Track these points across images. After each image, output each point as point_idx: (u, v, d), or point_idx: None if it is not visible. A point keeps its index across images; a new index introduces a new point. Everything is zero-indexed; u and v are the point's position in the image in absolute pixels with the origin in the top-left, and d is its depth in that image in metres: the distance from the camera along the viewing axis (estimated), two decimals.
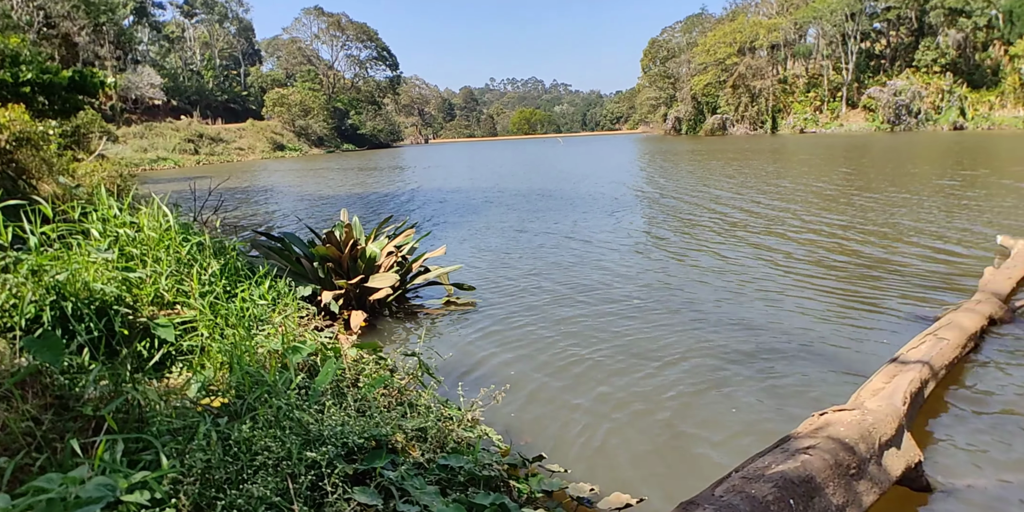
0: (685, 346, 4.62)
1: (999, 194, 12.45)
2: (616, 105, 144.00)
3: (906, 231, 8.82)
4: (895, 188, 14.05)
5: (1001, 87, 52.41)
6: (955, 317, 4.43)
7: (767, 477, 1.98)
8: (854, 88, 60.17)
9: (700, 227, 10.19)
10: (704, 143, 49.21)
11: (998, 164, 19.82)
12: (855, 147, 32.74)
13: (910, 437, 2.75)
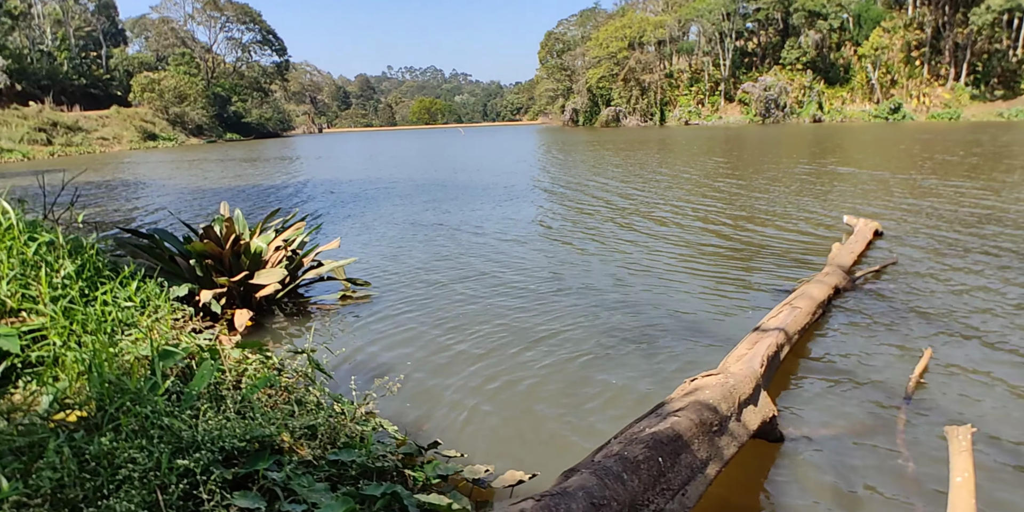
0: (574, 327, 4.83)
1: (845, 180, 14.11)
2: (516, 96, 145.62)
3: (769, 214, 9.76)
4: (762, 175, 15.46)
5: (852, 84, 59.14)
6: (807, 288, 4.99)
7: (639, 440, 2.14)
8: (731, 83, 65.16)
9: (588, 214, 10.62)
10: (599, 134, 51.14)
11: (844, 153, 22.39)
12: (731, 138, 35.57)
13: (766, 395, 3.07)
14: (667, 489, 2.04)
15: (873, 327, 4.67)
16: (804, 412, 3.43)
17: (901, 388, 3.62)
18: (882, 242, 7.48)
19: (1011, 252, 6.84)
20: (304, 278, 5.53)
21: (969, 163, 16.91)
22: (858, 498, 2.65)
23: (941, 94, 55.29)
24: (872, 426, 3.24)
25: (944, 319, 4.79)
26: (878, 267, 6.17)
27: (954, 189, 11.91)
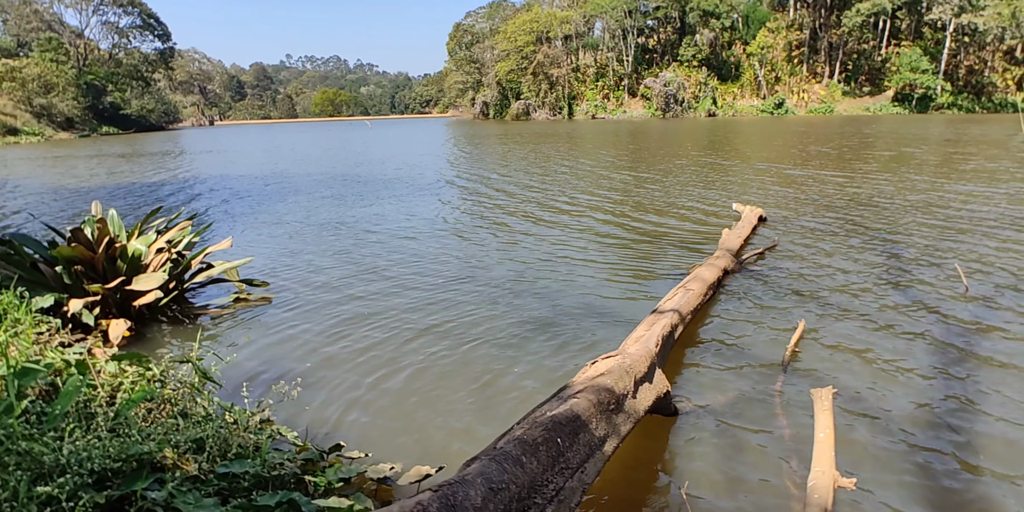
0: (480, 318, 4.86)
1: (734, 170, 15.19)
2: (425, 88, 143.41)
3: (667, 204, 10.30)
4: (661, 167, 16.29)
5: (741, 80, 63.55)
6: (699, 271, 5.32)
7: (539, 423, 2.19)
8: (634, 79, 67.89)
9: (491, 207, 10.71)
10: (509, 127, 51.55)
11: (734, 146, 24.09)
12: (634, 132, 37.13)
13: (661, 373, 3.25)
14: (566, 468, 2.10)
15: (756, 304, 5.06)
16: (697, 386, 3.67)
17: (780, 358, 3.96)
18: (765, 227, 8.12)
19: (873, 232, 7.66)
20: (193, 282, 5.15)
21: (839, 154, 18.74)
22: (744, 460, 2.88)
23: (818, 90, 60.79)
24: (755, 395, 3.52)
25: (816, 294, 5.29)
26: (761, 250, 6.69)
27: (826, 177, 13.16)
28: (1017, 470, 2.76)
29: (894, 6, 56.55)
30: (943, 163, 15.46)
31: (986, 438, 3.03)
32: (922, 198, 10.14)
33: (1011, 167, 14.14)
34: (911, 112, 54.19)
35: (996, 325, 4.49)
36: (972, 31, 54.58)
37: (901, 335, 4.34)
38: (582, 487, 2.16)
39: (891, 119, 44.90)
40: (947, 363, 3.87)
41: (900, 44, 60.38)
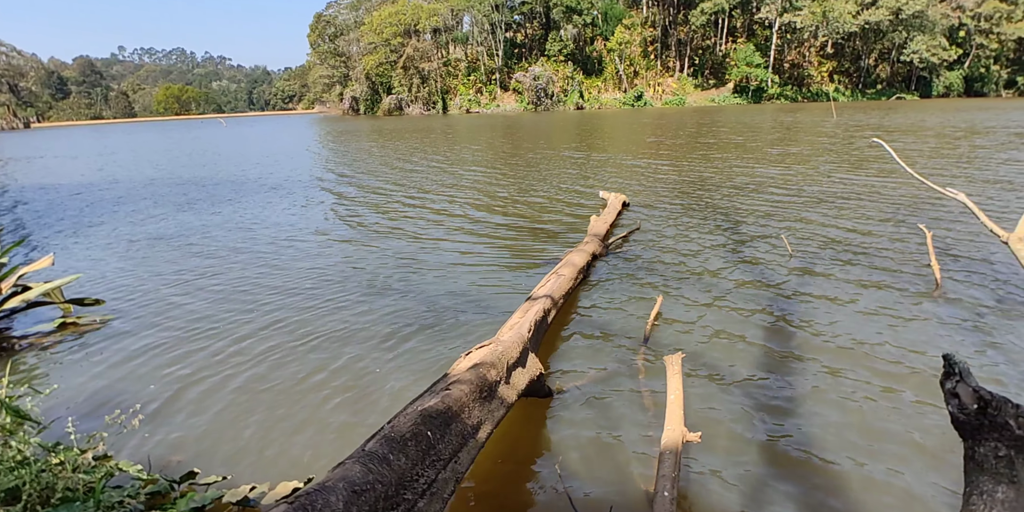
0: (354, 322, 4.69)
1: (601, 159, 16.04)
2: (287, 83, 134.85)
3: (544, 194, 10.64)
4: (534, 159, 16.78)
5: (604, 75, 67.10)
6: (570, 257, 5.55)
7: (408, 418, 2.15)
8: (505, 73, 69.06)
9: (366, 206, 10.41)
10: (381, 122, 50.18)
11: (600, 136, 25.44)
12: (508, 125, 37.84)
13: (534, 357, 3.34)
14: (438, 460, 2.09)
15: (621, 284, 5.39)
16: (569, 365, 3.83)
17: (642, 333, 4.24)
18: (629, 212, 8.67)
19: (720, 211, 8.47)
20: (5, 308, 4.42)
21: (690, 141, 20.49)
22: (612, 429, 3.05)
23: (671, 83, 65.94)
24: (621, 368, 3.75)
25: (672, 270, 5.75)
26: (625, 234, 7.13)
27: (680, 163, 14.33)
28: (824, 412, 3.20)
29: (730, 5, 62.75)
30: (775, 147, 17.47)
31: (804, 390, 3.47)
32: (757, 179, 11.39)
33: (827, 148, 16.34)
34: (749, 102, 60.64)
35: (813, 287, 5.17)
36: (792, 29, 62.14)
37: (740, 301, 4.84)
38: (456, 476, 2.16)
39: (733, 109, 49.91)
40: (776, 324, 4.39)
41: (736, 40, 67.24)
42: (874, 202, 8.83)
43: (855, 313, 4.55)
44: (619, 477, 2.67)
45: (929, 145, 16.54)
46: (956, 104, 45.39)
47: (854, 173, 11.78)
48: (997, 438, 1.57)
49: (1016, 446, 1.55)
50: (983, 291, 4.96)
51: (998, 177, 10.69)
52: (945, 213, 7.84)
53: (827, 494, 2.54)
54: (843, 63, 65.20)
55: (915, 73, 61.94)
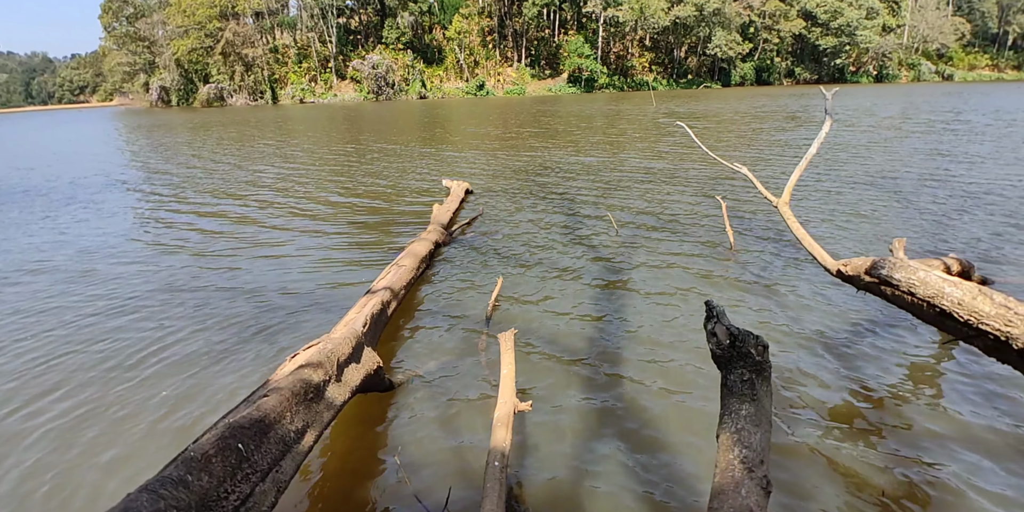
0: (186, 332, 4.24)
1: (445, 148, 16.10)
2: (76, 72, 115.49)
3: (387, 185, 10.40)
4: (377, 149, 16.33)
5: (445, 64, 66.93)
6: (412, 247, 5.51)
7: (215, 434, 2.00)
8: (340, 61, 65.80)
9: (188, 206, 9.43)
10: (199, 115, 45.19)
11: (443, 125, 25.49)
12: (348, 116, 36.29)
13: (371, 351, 3.28)
14: (253, 472, 1.97)
15: (465, 270, 5.49)
16: (413, 355, 3.82)
17: (484, 315, 4.37)
18: (473, 198, 8.82)
19: (559, 194, 8.96)
20: None
21: (530, 129, 21.35)
22: (454, 414, 3.12)
23: (511, 73, 67.79)
24: (464, 352, 3.84)
25: (513, 253, 5.98)
26: (468, 220, 7.25)
27: (520, 150, 14.88)
28: (643, 376, 3.58)
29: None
30: (605, 134, 18.86)
31: (630, 355, 3.84)
32: (589, 163, 12.24)
33: (647, 134, 18.02)
34: (582, 92, 64.56)
35: (635, 256, 5.72)
36: (616, 23, 67.09)
37: (574, 275, 5.20)
38: (278, 486, 2.06)
39: (568, 98, 52.84)
40: (605, 292, 4.79)
41: (568, 33, 70.97)
42: (685, 179, 9.94)
43: (669, 276, 5.11)
44: (459, 458, 2.75)
45: (723, 128, 19.00)
46: (748, 92, 52.58)
47: (669, 155, 13.15)
48: (743, 365, 1.87)
49: (756, 370, 1.86)
50: (766, 249, 5.85)
51: (772, 153, 12.62)
52: (739, 185, 9.08)
53: (645, 448, 2.85)
54: (660, 55, 72.02)
55: (717, 64, 70.43)
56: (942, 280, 2.25)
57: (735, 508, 1.44)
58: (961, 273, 4.46)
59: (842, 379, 3.36)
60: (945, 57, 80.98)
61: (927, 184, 8.84)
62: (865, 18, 68.66)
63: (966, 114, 22.12)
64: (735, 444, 1.65)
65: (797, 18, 70.29)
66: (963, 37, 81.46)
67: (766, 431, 1.74)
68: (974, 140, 14.01)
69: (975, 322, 2.10)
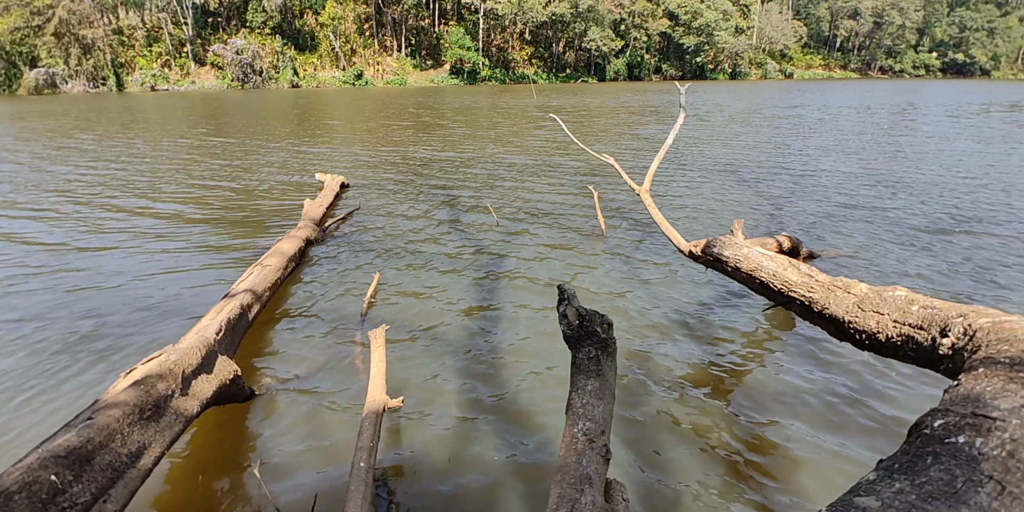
0: (7, 355, 3.67)
1: (319, 140, 15.35)
2: None
3: (253, 181, 9.70)
4: (244, 143, 15.17)
5: (319, 51, 63.54)
6: (279, 245, 5.19)
7: (22, 467, 1.75)
8: (199, 45, 60.07)
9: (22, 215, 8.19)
10: (23, 105, 39.30)
11: (319, 116, 24.31)
12: (209, 105, 33.34)
13: (227, 359, 3.05)
14: (72, 506, 1.75)
15: (339, 267, 5.28)
16: (281, 360, 3.61)
17: (359, 313, 4.23)
18: (349, 193, 8.50)
19: (440, 187, 8.88)
20: None
21: (411, 121, 20.96)
22: (324, 415, 2.99)
23: (390, 63, 65.97)
24: (338, 353, 3.69)
25: (391, 247, 5.85)
26: (343, 215, 6.98)
27: (402, 142, 14.56)
28: (522, 364, 3.67)
29: None
30: (487, 126, 18.99)
31: (508, 343, 3.92)
32: (471, 155, 12.27)
33: (528, 128, 18.42)
34: (465, 83, 64.51)
35: (514, 246, 5.84)
36: (495, 15, 67.57)
37: (454, 266, 5.20)
38: None
39: (451, 89, 52.56)
40: (485, 283, 4.84)
41: (448, 23, 70.35)
42: (561, 170, 10.30)
43: (545, 263, 5.27)
44: (326, 462, 2.64)
45: (595, 121, 19.95)
46: (621, 87, 55.55)
47: (546, 147, 13.55)
48: (590, 343, 1.97)
49: (602, 347, 1.97)
50: (634, 234, 6.23)
51: (638, 145, 13.48)
52: (611, 176, 9.57)
53: (523, 437, 2.92)
54: (539, 49, 73.77)
55: (593, 60, 73.55)
56: (761, 255, 2.52)
57: (576, 478, 1.51)
58: (792, 249, 5.05)
59: (696, 349, 3.67)
60: (787, 57, 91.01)
61: (769, 172, 9.89)
62: (721, 20, 75.12)
63: (801, 110, 25.03)
64: (580, 418, 1.74)
65: (662, 17, 75.29)
66: (801, 39, 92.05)
67: (609, 403, 1.85)
68: (807, 133, 15.90)
69: (786, 290, 2.38)
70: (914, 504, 0.97)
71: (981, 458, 1.01)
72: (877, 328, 1.97)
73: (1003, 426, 1.06)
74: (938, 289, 4.63)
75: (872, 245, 5.79)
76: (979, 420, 1.09)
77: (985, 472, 0.99)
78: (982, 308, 1.71)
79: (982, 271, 5.02)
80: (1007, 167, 10.05)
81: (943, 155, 11.48)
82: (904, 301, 1.94)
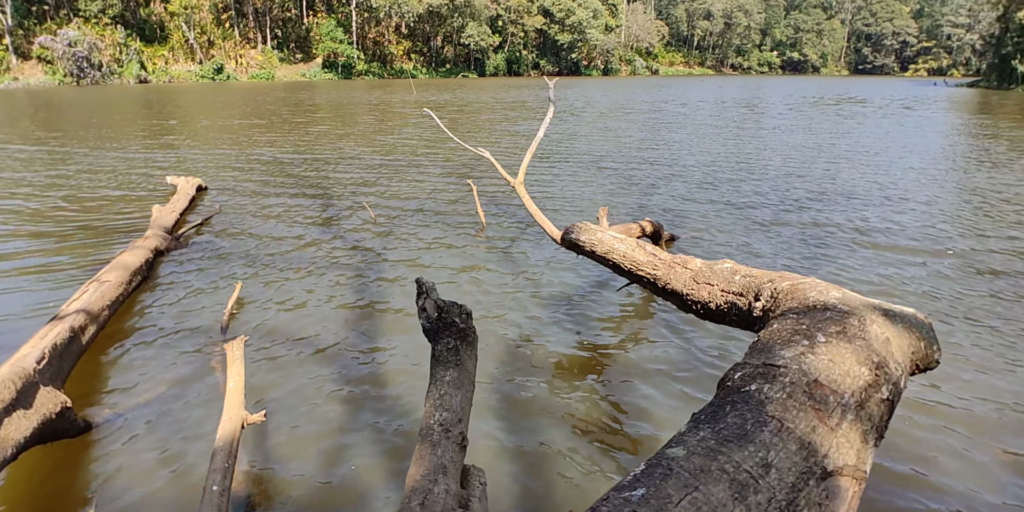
0: None
1: (171, 141, 14.00)
2: None
3: (93, 188, 8.61)
4: (82, 145, 13.44)
5: (171, 43, 57.74)
6: (121, 258, 4.65)
7: None
8: (22, 36, 52.11)
9: None
10: None
11: (170, 114, 22.19)
12: (37, 104, 29.16)
13: (51, 391, 2.67)
14: None
15: (197, 277, 4.84)
16: (124, 384, 3.24)
17: (220, 325, 3.91)
18: (208, 196, 7.82)
19: (314, 186, 8.44)
20: None
21: (284, 117, 19.76)
22: (173, 443, 2.72)
23: (255, 56, 61.62)
24: (194, 370, 3.38)
25: (258, 253, 5.47)
26: (201, 220, 6.41)
27: (273, 140, 13.67)
28: (396, 364, 3.60)
29: None
30: (362, 122, 18.39)
31: (383, 343, 3.82)
32: (348, 153, 11.83)
33: (406, 123, 18.10)
34: (340, 78, 61.95)
35: (393, 244, 5.71)
36: (369, 8, 65.47)
37: (329, 269, 4.97)
38: None
39: (325, 84, 50.24)
40: (362, 284, 4.68)
41: (318, 15, 67.00)
42: (442, 166, 10.24)
43: (425, 259, 5.21)
44: (178, 491, 2.41)
45: (472, 116, 20.11)
46: (500, 82, 56.39)
47: (425, 143, 13.41)
48: (448, 334, 1.96)
49: (460, 337, 1.97)
50: (513, 226, 6.34)
51: (514, 139, 13.78)
52: (490, 170, 9.67)
53: (396, 437, 2.85)
54: (417, 43, 72.66)
55: (472, 55, 73.84)
56: (613, 238, 2.66)
57: (429, 469, 1.50)
58: (654, 232, 5.41)
59: (568, 332, 3.81)
60: (653, 55, 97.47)
61: (637, 163, 10.53)
62: (592, 18, 78.63)
63: (664, 105, 26.96)
64: (436, 409, 1.72)
65: (538, 15, 77.30)
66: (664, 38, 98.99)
67: (468, 391, 1.86)
68: (670, 127, 17.13)
69: (635, 269, 2.53)
70: (713, 448, 1.06)
71: (767, 401, 1.13)
72: (709, 298, 2.15)
73: (785, 372, 1.19)
74: (769, 262, 5.20)
75: (724, 226, 6.37)
76: (767, 369, 1.22)
77: (769, 413, 1.11)
78: (788, 274, 1.92)
79: (808, 246, 5.71)
80: (833, 156, 11.51)
81: (782, 146, 12.91)
82: (730, 272, 2.14)
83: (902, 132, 15.60)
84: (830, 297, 1.48)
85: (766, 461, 1.03)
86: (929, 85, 55.66)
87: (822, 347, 1.25)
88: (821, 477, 1.03)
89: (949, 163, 10.57)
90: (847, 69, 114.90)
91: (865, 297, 1.52)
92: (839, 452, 1.07)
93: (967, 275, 4.87)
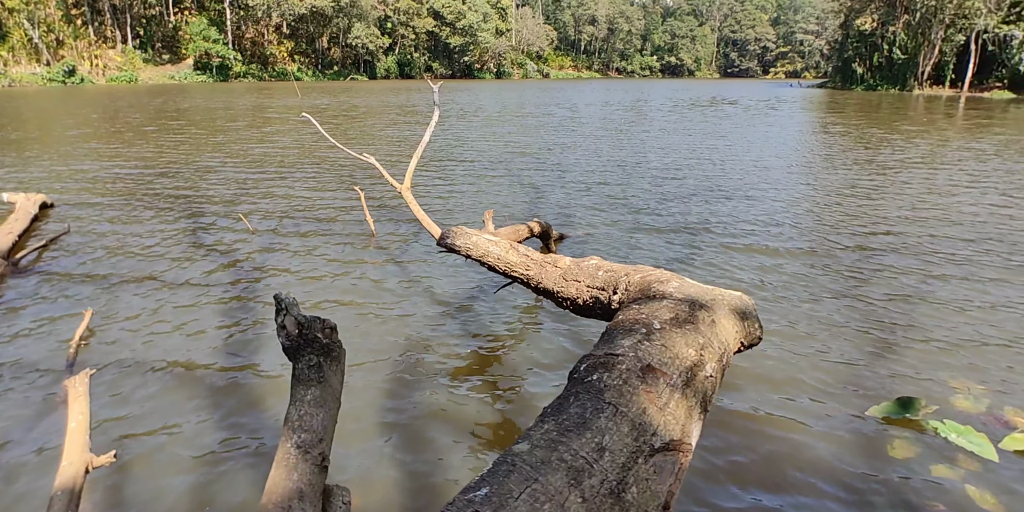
0: None
1: (9, 157, 12.36)
2: None
3: None
4: None
5: (11, 42, 50.85)
6: None
7: None
8: None
9: None
10: None
11: (16, 125, 19.64)
12: None
13: None
14: None
15: (40, 306, 4.28)
16: None
17: (64, 359, 3.47)
18: (54, 215, 6.96)
19: (185, 200, 7.76)
20: None
21: (148, 124, 18.07)
22: (4, 501, 2.38)
23: (114, 57, 55.87)
24: (29, 414, 2.97)
25: (114, 274, 4.93)
26: (45, 242, 5.68)
27: (135, 149, 12.44)
28: (278, 385, 3.39)
29: None
30: (238, 129, 17.27)
31: (262, 367, 3.58)
32: (224, 163, 11.04)
33: (287, 129, 17.23)
34: (215, 80, 57.79)
35: (274, 257, 5.38)
36: (245, 6, 61.59)
37: (199, 291, 4.58)
38: None
39: (198, 88, 46.64)
40: (238, 306, 4.36)
41: (186, 12, 62.00)
42: (328, 173, 9.85)
43: (312, 272, 4.96)
44: None
45: (359, 120, 19.63)
46: (392, 85, 55.41)
47: (307, 150, 12.84)
48: (310, 351, 1.87)
49: (324, 352, 1.88)
50: (404, 232, 6.21)
51: (403, 146, 13.61)
52: (377, 175, 9.44)
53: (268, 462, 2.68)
54: (301, 44, 69.43)
55: (362, 57, 71.82)
56: (487, 241, 2.67)
57: (284, 495, 1.41)
58: (542, 232, 5.53)
59: (459, 336, 3.79)
60: (543, 58, 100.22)
61: (526, 167, 10.76)
62: (482, 21, 79.33)
63: (552, 108, 27.81)
64: (295, 431, 1.63)
65: (428, 17, 76.73)
66: (553, 42, 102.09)
67: (332, 409, 1.78)
68: (558, 131, 17.70)
69: (510, 270, 2.56)
70: (554, 439, 1.08)
71: (605, 389, 1.18)
72: (576, 294, 2.22)
73: (623, 360, 1.25)
74: (647, 254, 5.51)
75: (609, 224, 6.66)
76: (608, 358, 1.27)
77: (606, 400, 1.15)
78: (642, 266, 2.03)
79: (683, 241, 6.12)
80: (710, 156, 12.43)
81: (662, 147, 13.75)
82: (594, 268, 2.22)
83: (771, 131, 17.22)
84: (669, 286, 1.57)
85: (601, 445, 1.06)
86: (787, 86, 62.08)
87: (656, 334, 1.32)
88: (649, 454, 1.09)
89: (808, 158, 11.81)
90: (718, 72, 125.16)
91: (699, 284, 1.63)
92: (666, 429, 1.14)
93: (795, 259, 5.46)
